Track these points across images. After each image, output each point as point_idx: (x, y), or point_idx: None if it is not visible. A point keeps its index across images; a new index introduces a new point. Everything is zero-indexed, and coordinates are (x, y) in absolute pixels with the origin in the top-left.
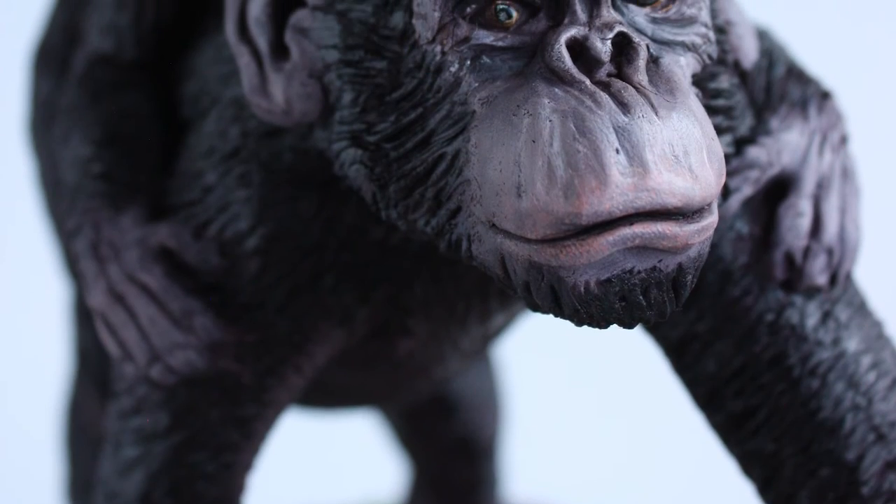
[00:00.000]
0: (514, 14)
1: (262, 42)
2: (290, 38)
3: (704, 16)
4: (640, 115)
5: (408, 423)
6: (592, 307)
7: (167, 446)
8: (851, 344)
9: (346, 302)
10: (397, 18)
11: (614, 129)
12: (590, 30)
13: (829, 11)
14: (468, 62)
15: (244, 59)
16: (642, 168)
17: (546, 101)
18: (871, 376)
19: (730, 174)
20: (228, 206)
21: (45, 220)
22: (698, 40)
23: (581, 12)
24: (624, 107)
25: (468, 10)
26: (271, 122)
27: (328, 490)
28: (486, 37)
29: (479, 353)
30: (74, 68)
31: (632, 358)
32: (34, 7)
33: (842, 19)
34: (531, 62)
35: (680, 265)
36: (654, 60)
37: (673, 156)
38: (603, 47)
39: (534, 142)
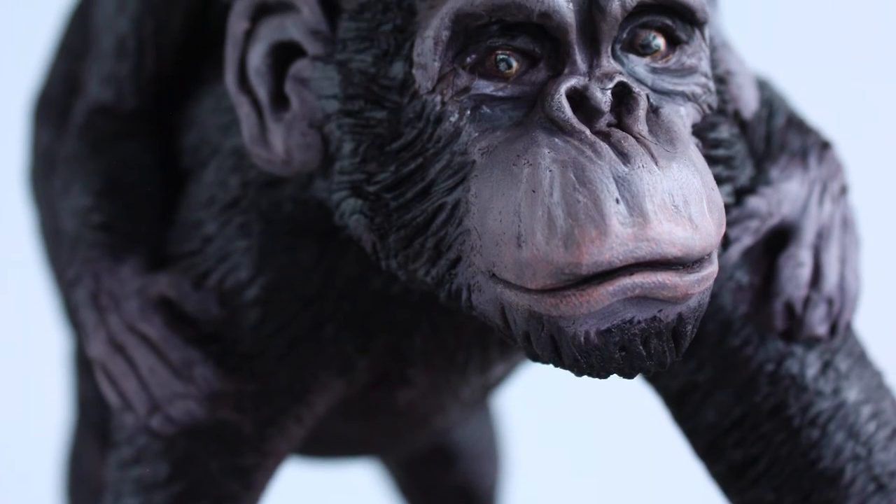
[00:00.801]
0: (515, 64)
1: (262, 92)
2: (290, 88)
3: (704, 66)
4: (641, 165)
5: (408, 473)
6: (592, 357)
7: (167, 496)
8: (851, 394)
9: (347, 352)
10: (397, 68)
11: (614, 179)
12: (590, 80)
13: (829, 62)
14: (468, 112)
15: (244, 109)
16: (642, 218)
17: (546, 150)
18: (872, 426)
19: (730, 224)
20: (228, 256)
21: (45, 269)
22: (698, 90)
23: (581, 62)
24: (624, 157)
25: (468, 60)
26: (271, 172)
27: None
28: (486, 87)
29: (479, 403)
30: (74, 118)
31: (632, 407)
32: (34, 56)
33: (842, 69)
34: (531, 112)
35: (680, 315)
36: (654, 110)
37: (673, 206)
38: (603, 97)
39: (534, 192)
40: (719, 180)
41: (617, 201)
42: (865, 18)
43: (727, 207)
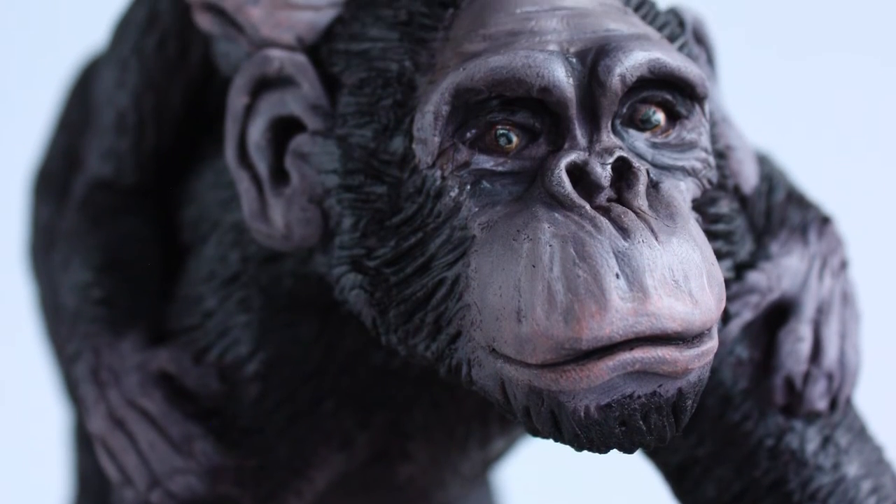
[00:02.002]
0: (515, 139)
1: (261, 167)
2: (290, 162)
3: (704, 141)
4: (641, 239)
5: None
6: (592, 432)
7: None
8: (851, 469)
9: (347, 427)
10: (397, 143)
11: (614, 253)
12: (590, 154)
13: (829, 137)
14: (468, 187)
15: (244, 184)
16: (642, 293)
17: (546, 225)
18: (872, 501)
19: (730, 299)
20: (228, 331)
21: (45, 344)
22: (698, 165)
23: (581, 137)
24: (624, 231)
25: (468, 134)
26: (271, 246)
27: None
28: (486, 161)
29: (480, 477)
30: (74, 193)
31: (632, 482)
32: (34, 131)
33: (842, 144)
34: (531, 187)
35: (680, 390)
36: (654, 185)
37: (673, 280)
38: (603, 172)
39: (534, 266)
40: (719, 255)
41: (617, 276)
42: (865, 94)
43: (727, 282)
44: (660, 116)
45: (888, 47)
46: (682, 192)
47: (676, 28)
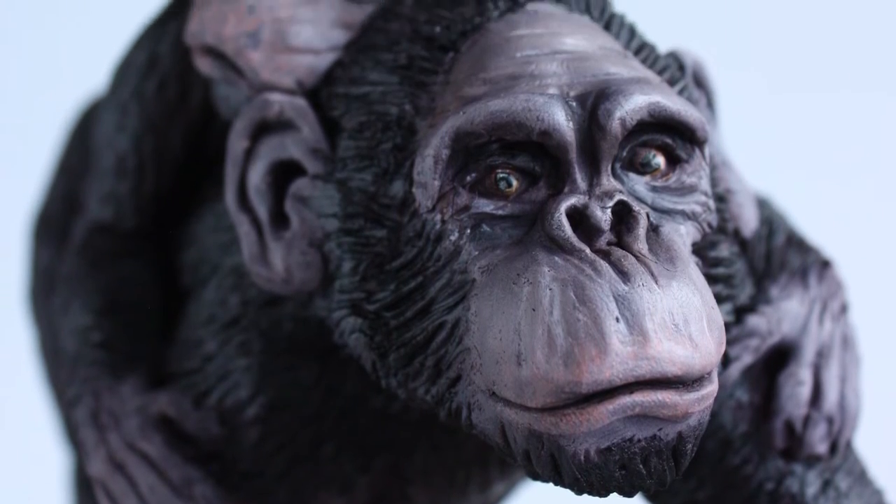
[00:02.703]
0: (515, 183)
1: (262, 211)
2: (290, 206)
3: (704, 184)
4: (640, 283)
5: None
6: (592, 475)
7: None
8: None
9: (346, 470)
10: (397, 187)
11: (614, 297)
12: (590, 198)
13: (828, 181)
14: (468, 231)
15: (244, 228)
16: (642, 336)
17: (546, 269)
18: None
19: (730, 343)
20: (228, 375)
21: (45, 388)
22: (698, 209)
23: (581, 181)
24: (624, 275)
25: (468, 178)
26: (271, 290)
27: None
28: (486, 205)
29: None
30: (74, 237)
31: None
32: (34, 175)
33: (842, 188)
34: (531, 230)
35: (680, 434)
36: (654, 229)
37: (673, 324)
38: (603, 216)
39: (534, 310)
40: (719, 299)
41: (617, 320)
42: (866, 139)
43: (727, 326)
44: (660, 160)
45: (889, 91)
46: (682, 235)
47: (676, 72)
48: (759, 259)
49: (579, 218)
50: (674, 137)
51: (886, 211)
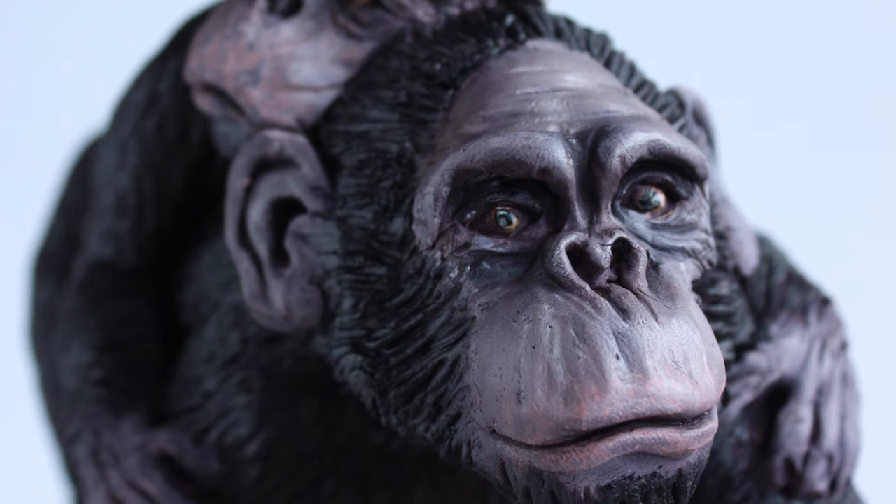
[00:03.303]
0: (515, 220)
1: (262, 248)
2: (290, 244)
3: (704, 222)
4: (640, 321)
5: None
6: None
7: None
8: None
9: None
10: (397, 224)
11: (614, 335)
12: (590, 236)
13: (828, 218)
14: (468, 268)
15: (244, 266)
16: (642, 374)
17: (546, 307)
18: None
19: (730, 380)
20: (228, 413)
21: (45, 425)
22: (698, 246)
23: (581, 218)
24: (624, 313)
25: (468, 216)
26: (271, 328)
27: None
28: (486, 243)
29: None
30: (74, 274)
31: None
32: (34, 212)
33: (842, 226)
34: (531, 268)
35: (680, 471)
36: (654, 266)
37: (673, 362)
38: (603, 253)
39: (534, 348)
40: (719, 336)
41: (617, 357)
42: (865, 176)
43: (727, 363)
44: (660, 197)
45: (888, 129)
46: (682, 273)
47: (676, 109)
48: (760, 297)
49: (579, 255)
50: (674, 175)
51: (886, 249)
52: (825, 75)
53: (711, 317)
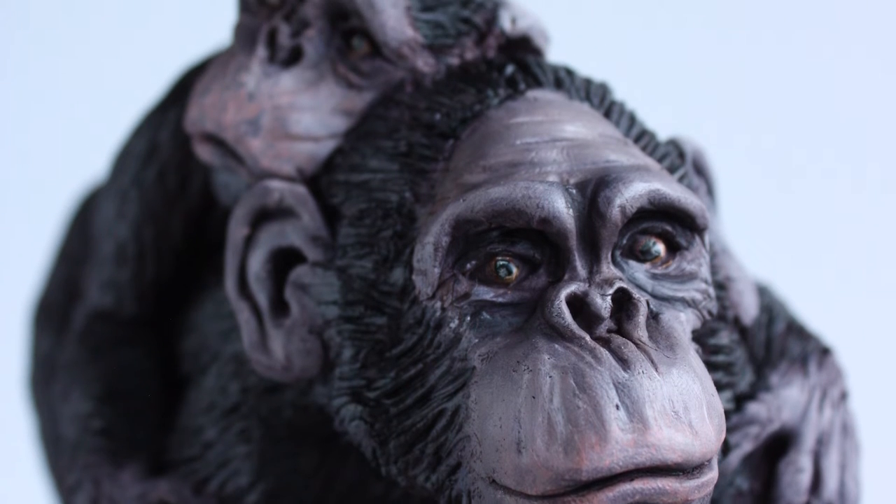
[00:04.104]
0: (515, 270)
1: (262, 298)
2: (290, 294)
3: (704, 272)
4: (641, 371)
5: None
6: None
7: None
8: None
9: None
10: (397, 274)
11: (614, 385)
12: (590, 286)
13: (828, 269)
14: (468, 318)
15: (244, 315)
16: (642, 424)
17: (546, 356)
18: None
19: (730, 430)
20: (229, 462)
21: (45, 475)
22: (698, 296)
23: (581, 268)
24: (624, 363)
25: (468, 266)
26: (271, 377)
27: None
28: (486, 293)
29: None
30: (74, 324)
31: None
32: (33, 262)
33: (841, 276)
34: (531, 318)
35: None
36: (654, 316)
37: (673, 412)
38: (603, 303)
39: (534, 397)
40: (719, 386)
41: (617, 407)
42: (864, 226)
43: (727, 413)
44: (660, 247)
45: (887, 177)
46: (682, 323)
47: (676, 159)
48: (759, 346)
49: (579, 305)
50: (674, 225)
51: (886, 299)
52: (828, 127)
53: (711, 367)
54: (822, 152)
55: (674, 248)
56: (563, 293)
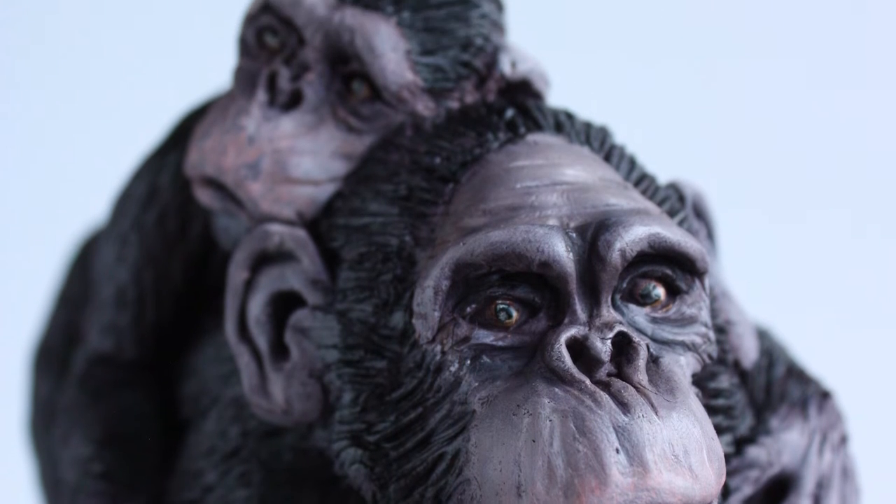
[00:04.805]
0: (515, 314)
1: (262, 342)
2: (289, 337)
3: (704, 315)
4: (641, 414)
5: None
6: None
7: None
8: None
9: None
10: (397, 318)
11: (614, 428)
12: (590, 329)
13: (828, 312)
14: (468, 362)
15: (244, 359)
16: (642, 468)
17: (546, 400)
18: None
19: (730, 474)
20: None
21: None
22: (698, 340)
23: (581, 312)
24: (624, 406)
25: (468, 309)
26: (271, 421)
27: None
28: (486, 336)
29: None
30: (74, 368)
31: None
32: (34, 306)
33: (842, 320)
34: (531, 361)
35: None
36: (654, 360)
37: (673, 455)
38: (603, 347)
39: (534, 441)
40: (719, 430)
41: (617, 451)
42: (865, 272)
43: (727, 457)
44: (660, 291)
45: (887, 221)
46: (682, 366)
47: (676, 203)
48: (759, 390)
49: (579, 349)
50: (674, 268)
51: (886, 343)
52: (828, 171)
53: (711, 410)
54: (822, 197)
55: (674, 292)
56: (563, 337)
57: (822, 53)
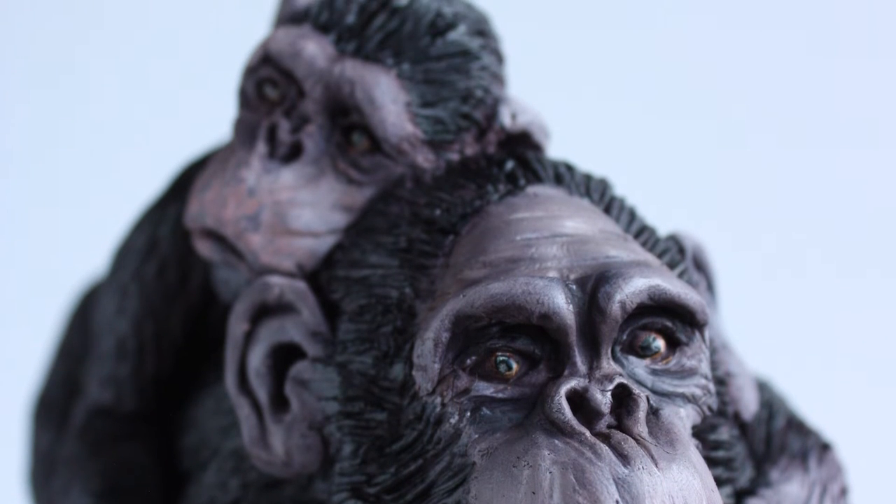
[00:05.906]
0: (515, 366)
1: (262, 394)
2: (290, 389)
3: (704, 368)
4: (640, 466)
5: None
6: None
7: None
8: None
9: None
10: (397, 370)
11: (614, 480)
12: (590, 381)
13: (828, 364)
14: (468, 414)
15: (244, 411)
16: None
17: (546, 452)
18: None
19: None
20: None
21: None
22: (698, 392)
23: (581, 364)
24: (624, 458)
25: (468, 361)
26: (271, 473)
27: None
28: (486, 388)
29: None
30: (74, 420)
31: None
32: (33, 358)
33: (842, 372)
34: (531, 413)
35: None
36: (654, 412)
37: None
38: (603, 399)
39: (534, 493)
40: (719, 482)
41: (617, 503)
42: (865, 323)
43: None
44: (660, 343)
45: (886, 272)
46: (682, 418)
47: (677, 255)
48: (760, 442)
49: (579, 401)
50: (674, 320)
51: (886, 395)
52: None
53: (711, 462)
54: (821, 249)
55: (674, 344)
56: (563, 389)
57: (818, 108)
